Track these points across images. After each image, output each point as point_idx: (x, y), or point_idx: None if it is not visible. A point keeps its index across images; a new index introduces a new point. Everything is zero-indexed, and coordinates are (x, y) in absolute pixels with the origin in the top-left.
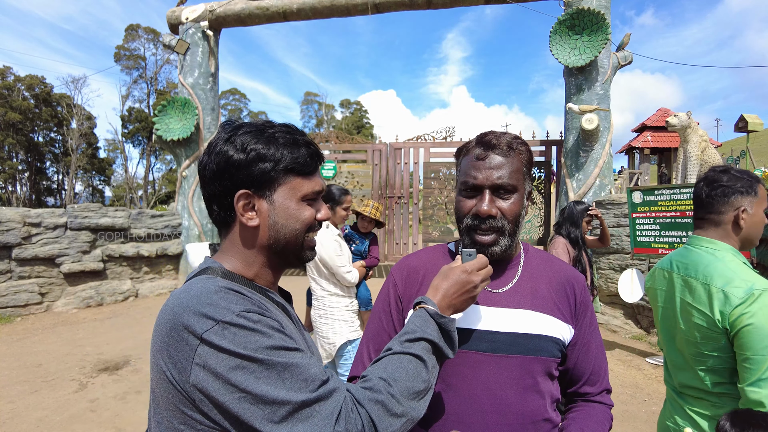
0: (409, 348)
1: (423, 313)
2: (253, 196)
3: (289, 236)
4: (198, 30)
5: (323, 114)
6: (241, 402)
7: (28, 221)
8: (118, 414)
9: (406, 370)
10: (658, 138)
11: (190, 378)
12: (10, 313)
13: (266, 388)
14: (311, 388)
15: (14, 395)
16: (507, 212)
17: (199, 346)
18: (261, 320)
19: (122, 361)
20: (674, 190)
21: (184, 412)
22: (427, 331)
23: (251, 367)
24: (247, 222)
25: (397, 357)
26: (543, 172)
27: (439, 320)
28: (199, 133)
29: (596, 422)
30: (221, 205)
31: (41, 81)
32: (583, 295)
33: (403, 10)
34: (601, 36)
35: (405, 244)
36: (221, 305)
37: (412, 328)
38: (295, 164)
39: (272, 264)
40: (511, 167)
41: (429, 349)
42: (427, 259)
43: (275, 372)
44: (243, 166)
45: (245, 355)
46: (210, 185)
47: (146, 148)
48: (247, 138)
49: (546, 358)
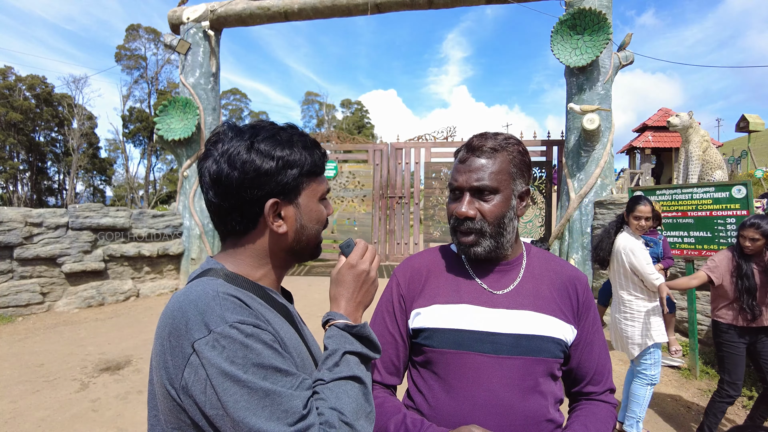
0: (340, 372)
1: (334, 330)
2: (281, 203)
3: (310, 236)
4: (199, 30)
5: (324, 114)
6: (222, 419)
7: (30, 221)
8: (119, 414)
9: (347, 395)
10: (660, 138)
11: (181, 383)
12: (11, 312)
13: (244, 414)
14: (290, 421)
15: (16, 395)
16: (487, 214)
17: (191, 354)
18: (254, 333)
19: (124, 361)
20: (675, 190)
21: (177, 416)
22: (347, 346)
23: (233, 388)
24: (277, 230)
25: (335, 384)
26: (544, 172)
27: (351, 331)
28: (201, 133)
29: (600, 421)
30: (246, 215)
31: (42, 81)
32: (586, 294)
33: (404, 10)
34: (602, 36)
35: (406, 244)
36: (217, 312)
37: (332, 349)
38: (315, 167)
39: (284, 264)
40: (493, 168)
41: (356, 361)
42: (430, 259)
43: (256, 398)
44: (273, 173)
45: (230, 373)
46: (235, 196)
47: (147, 148)
48: (269, 144)
49: (548, 359)
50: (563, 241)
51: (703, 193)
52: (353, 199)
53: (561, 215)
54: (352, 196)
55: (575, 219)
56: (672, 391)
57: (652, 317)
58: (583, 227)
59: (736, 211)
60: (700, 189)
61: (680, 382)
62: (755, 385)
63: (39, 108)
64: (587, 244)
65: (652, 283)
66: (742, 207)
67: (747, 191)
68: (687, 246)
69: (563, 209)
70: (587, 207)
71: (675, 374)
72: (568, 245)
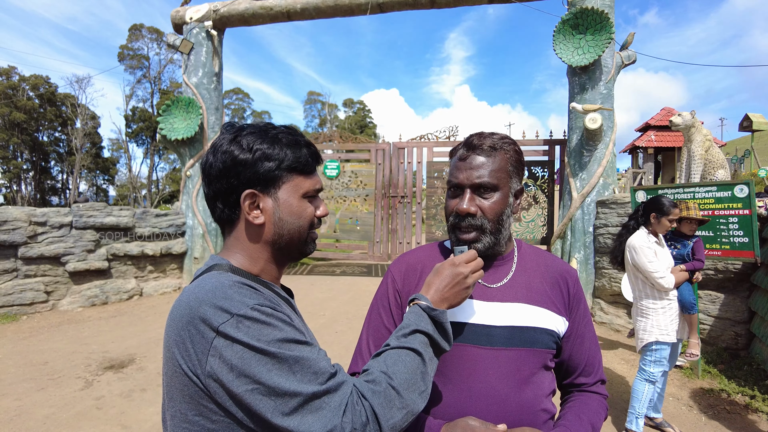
0: (405, 342)
1: (416, 308)
2: (258, 195)
3: (293, 232)
4: (202, 30)
5: (326, 113)
6: (254, 393)
7: (34, 220)
8: (123, 411)
9: (404, 364)
10: (662, 137)
11: (205, 369)
12: (16, 311)
13: (278, 380)
14: (320, 380)
15: (21, 393)
16: (487, 210)
17: (215, 338)
18: (273, 314)
19: (127, 359)
20: (678, 190)
21: (199, 402)
22: (421, 325)
23: (264, 359)
24: (253, 220)
25: (395, 351)
26: (546, 171)
27: (431, 313)
28: (203, 132)
29: (592, 411)
30: (226, 203)
31: (46, 81)
32: (576, 288)
33: (407, 10)
34: (604, 35)
35: (408, 244)
36: (236, 299)
37: (406, 323)
38: (298, 163)
39: (276, 259)
40: (492, 166)
41: (425, 341)
42: (424, 255)
43: (287, 365)
44: (249, 164)
45: (259, 347)
46: (215, 183)
47: (150, 148)
48: (252, 138)
49: (541, 350)
50: (565, 240)
51: (705, 192)
52: (356, 198)
53: (563, 214)
54: (354, 196)
55: (577, 218)
56: (674, 390)
57: (660, 316)
58: (586, 227)
59: (739, 210)
60: (703, 188)
61: (682, 381)
62: (757, 385)
63: (42, 108)
64: (589, 244)
65: (657, 282)
66: (745, 206)
67: (749, 190)
68: None
69: (565, 208)
70: (589, 206)
71: (677, 373)
72: (570, 245)
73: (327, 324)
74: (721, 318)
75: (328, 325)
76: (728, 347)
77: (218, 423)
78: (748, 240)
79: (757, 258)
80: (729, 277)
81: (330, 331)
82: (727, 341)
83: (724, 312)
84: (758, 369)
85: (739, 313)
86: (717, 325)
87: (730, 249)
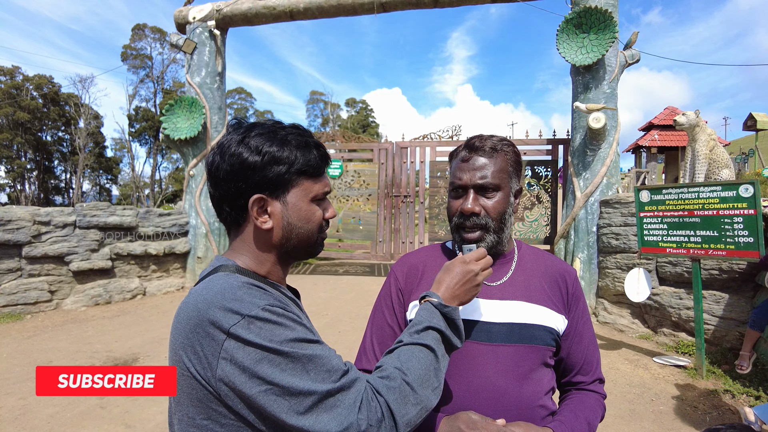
0: (418, 339)
1: (427, 305)
2: (267, 199)
3: (302, 236)
4: (205, 29)
5: (329, 113)
6: (267, 394)
7: (38, 220)
8: (127, 411)
9: (418, 360)
10: (666, 137)
11: (216, 372)
12: (20, 310)
13: (292, 380)
14: (334, 378)
15: (25, 392)
16: (491, 210)
17: (225, 340)
18: (284, 314)
19: (131, 359)
20: (682, 189)
21: (208, 406)
22: (434, 321)
23: (277, 359)
24: (261, 225)
25: (409, 348)
26: (550, 171)
27: (442, 310)
28: (207, 132)
29: (589, 409)
30: (233, 206)
31: (49, 80)
32: (575, 287)
33: (410, 9)
34: (608, 34)
35: (411, 243)
36: (246, 300)
37: (419, 320)
38: (308, 166)
39: (283, 260)
40: (494, 167)
41: (437, 338)
42: (426, 256)
43: (300, 364)
44: (258, 168)
45: (271, 348)
46: (222, 186)
47: (153, 147)
48: (260, 140)
49: (541, 347)
50: (569, 240)
51: (709, 192)
52: (358, 198)
53: (566, 214)
54: (357, 195)
55: (581, 218)
56: (678, 390)
57: None
58: (589, 226)
59: (744, 210)
60: (707, 188)
61: (686, 381)
62: (762, 385)
63: (46, 107)
64: (593, 243)
65: None
66: (749, 206)
67: (754, 190)
68: (693, 245)
69: (569, 208)
70: (593, 206)
71: (681, 374)
72: (573, 244)
73: (330, 324)
74: (725, 318)
75: (332, 324)
76: (733, 347)
77: (228, 426)
78: (753, 240)
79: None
80: (734, 277)
81: (333, 330)
82: (731, 341)
83: (729, 312)
84: (763, 369)
85: (743, 314)
86: (721, 325)
87: (735, 249)
